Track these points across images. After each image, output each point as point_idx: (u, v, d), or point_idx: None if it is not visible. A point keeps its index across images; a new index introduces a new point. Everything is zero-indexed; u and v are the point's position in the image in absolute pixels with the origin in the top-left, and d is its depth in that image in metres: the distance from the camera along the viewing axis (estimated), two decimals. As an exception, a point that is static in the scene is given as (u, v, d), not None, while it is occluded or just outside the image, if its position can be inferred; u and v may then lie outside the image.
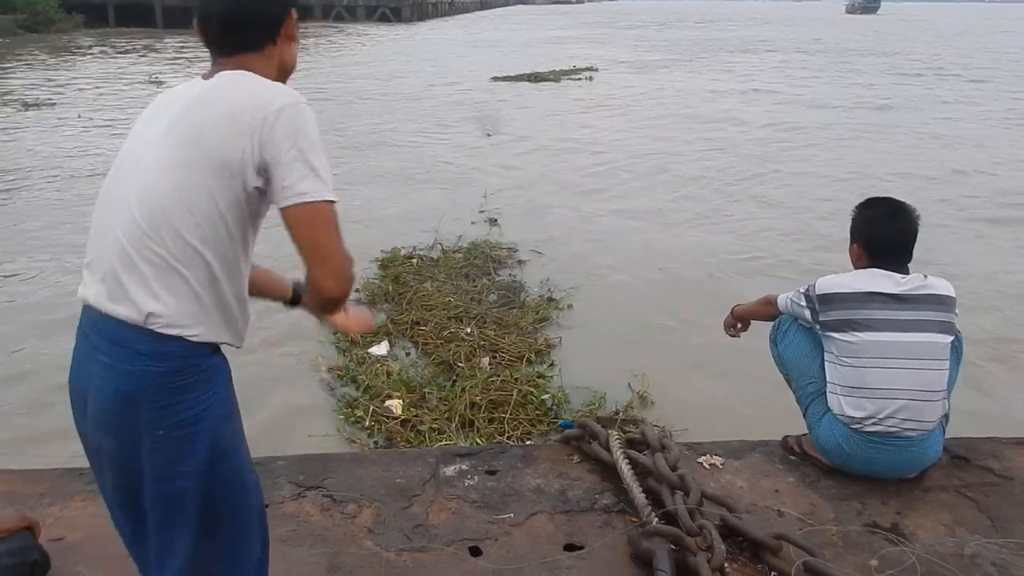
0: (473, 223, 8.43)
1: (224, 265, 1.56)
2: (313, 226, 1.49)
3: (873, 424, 2.65)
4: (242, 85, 1.56)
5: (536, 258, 7.29)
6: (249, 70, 1.60)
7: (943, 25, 78.76)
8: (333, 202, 1.51)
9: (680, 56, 32.73)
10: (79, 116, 15.23)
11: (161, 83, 22.10)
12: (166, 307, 1.52)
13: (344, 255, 1.54)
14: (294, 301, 2.09)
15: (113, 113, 15.76)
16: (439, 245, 7.43)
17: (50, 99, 17.28)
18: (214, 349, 1.63)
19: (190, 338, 1.55)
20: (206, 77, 1.63)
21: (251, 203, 1.55)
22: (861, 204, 2.87)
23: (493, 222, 8.48)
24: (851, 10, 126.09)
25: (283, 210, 1.50)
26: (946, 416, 2.77)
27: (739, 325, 3.27)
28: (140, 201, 1.53)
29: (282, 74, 1.71)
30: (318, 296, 1.58)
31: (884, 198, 2.85)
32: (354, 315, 2.23)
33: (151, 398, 1.54)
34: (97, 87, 19.94)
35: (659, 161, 12.21)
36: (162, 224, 1.51)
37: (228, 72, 1.60)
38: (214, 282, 1.56)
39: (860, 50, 37.78)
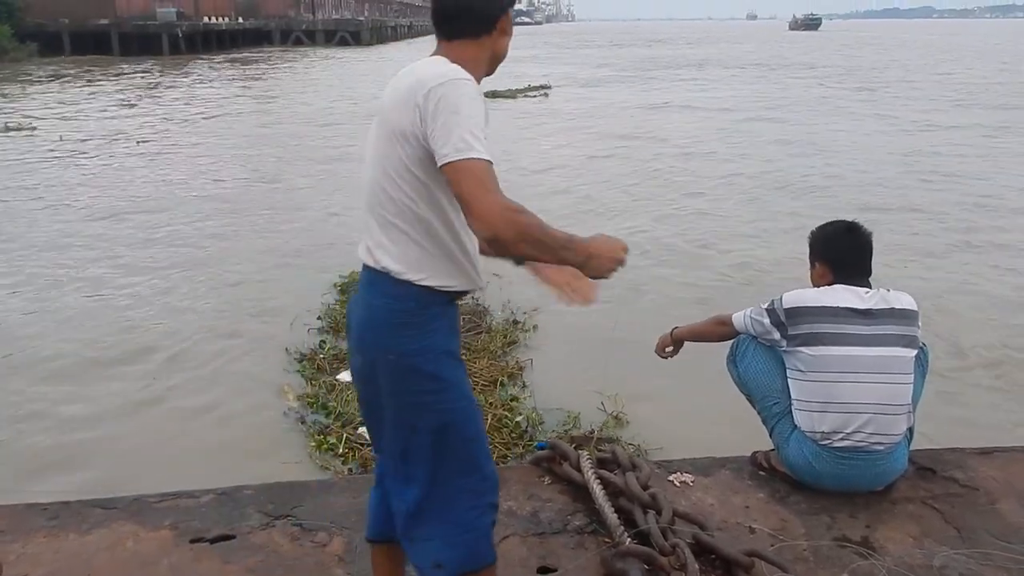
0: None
1: (438, 218, 1.82)
2: (459, 181, 1.67)
3: (841, 439, 2.68)
4: (422, 69, 1.81)
5: (495, 280, 7.30)
6: (463, 55, 1.84)
7: (881, 40, 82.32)
8: (479, 159, 1.67)
9: (628, 73, 35.96)
10: (60, 138, 16.20)
11: (133, 105, 22.38)
12: (395, 258, 1.84)
13: (491, 201, 1.65)
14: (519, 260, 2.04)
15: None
16: None
17: (30, 123, 18.48)
18: (444, 296, 1.89)
19: (417, 282, 1.84)
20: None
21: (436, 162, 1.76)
22: (819, 227, 2.97)
23: None
24: (794, 26, 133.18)
25: (441, 171, 1.70)
26: (911, 429, 2.81)
27: (672, 348, 3.23)
28: (369, 176, 1.89)
29: (494, 62, 1.95)
30: (481, 240, 1.83)
31: (838, 220, 2.97)
32: (572, 279, 2.08)
33: (385, 327, 1.87)
34: (73, 110, 20.71)
35: (610, 176, 12.75)
36: (379, 190, 1.85)
37: (426, 58, 1.87)
38: (433, 233, 1.83)
39: (790, 64, 41.58)
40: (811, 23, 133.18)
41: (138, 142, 15.71)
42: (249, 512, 2.76)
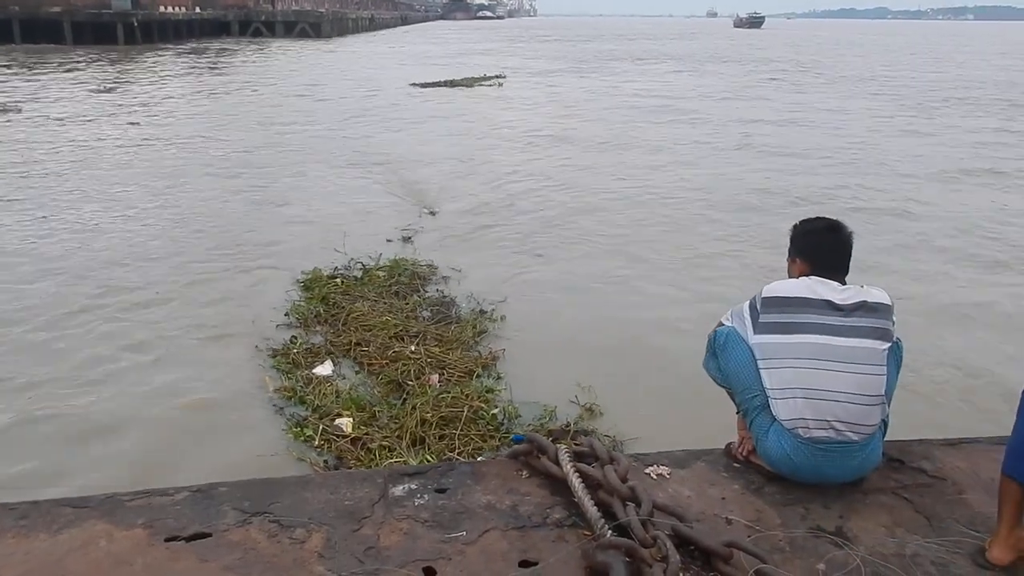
0: (389, 241, 8.46)
1: None
2: None
3: (817, 428, 2.72)
4: None
5: (455, 274, 7.33)
6: None
7: (816, 38, 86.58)
8: None
9: (580, 65, 40.16)
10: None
11: (112, 89, 22.17)
12: None
13: None
14: None
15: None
16: (360, 264, 7.38)
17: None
18: None
19: None
20: None
21: None
22: (800, 221, 3.02)
23: (407, 239, 8.52)
24: (738, 24, 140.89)
25: None
26: (885, 421, 2.86)
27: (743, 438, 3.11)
28: None
29: None
30: None
31: (819, 216, 3.02)
32: None
33: None
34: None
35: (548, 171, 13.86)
36: None
37: None
38: None
39: (728, 58, 46.76)
40: (755, 21, 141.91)
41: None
42: (225, 509, 2.72)
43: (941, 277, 7.89)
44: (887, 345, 2.78)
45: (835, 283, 2.82)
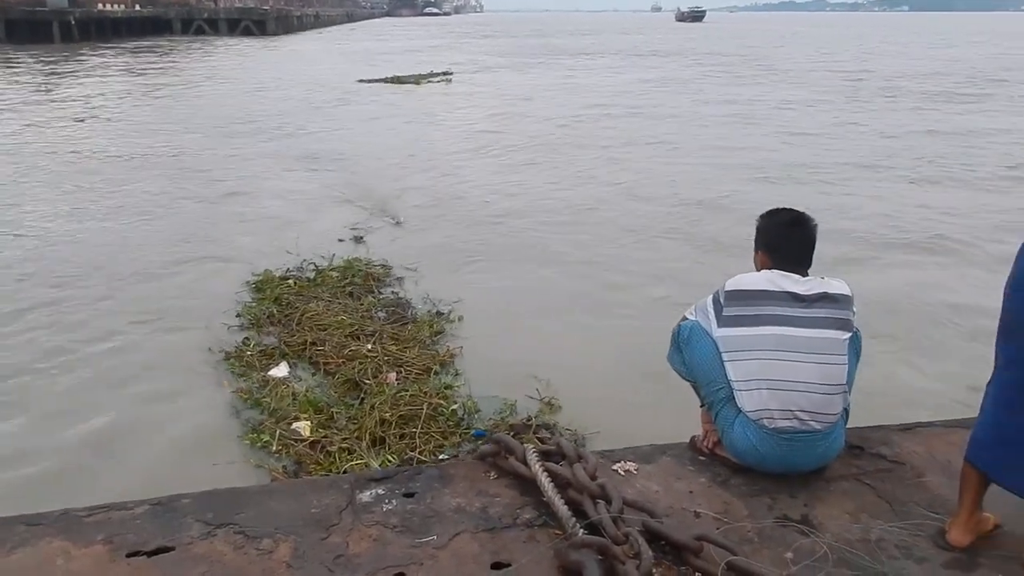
0: (340, 240, 8.39)
1: None
2: None
3: (782, 418, 2.76)
4: None
5: (410, 274, 7.30)
6: None
7: (752, 31, 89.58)
8: None
9: (526, 60, 40.81)
10: None
11: (51, 90, 21.60)
12: None
13: None
14: None
15: None
16: (312, 265, 7.29)
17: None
18: None
19: None
20: None
21: None
22: (764, 214, 3.04)
23: (359, 239, 8.45)
24: (680, 18, 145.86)
25: None
26: (846, 409, 2.91)
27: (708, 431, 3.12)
28: None
29: None
30: None
31: (786, 208, 3.04)
32: None
33: None
34: None
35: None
36: None
37: None
38: None
39: (665, 52, 48.41)
40: (696, 15, 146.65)
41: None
42: (188, 522, 2.65)
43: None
44: (848, 335, 2.82)
45: (797, 275, 2.85)
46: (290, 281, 6.80)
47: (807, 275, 2.88)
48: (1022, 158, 13.94)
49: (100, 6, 54.50)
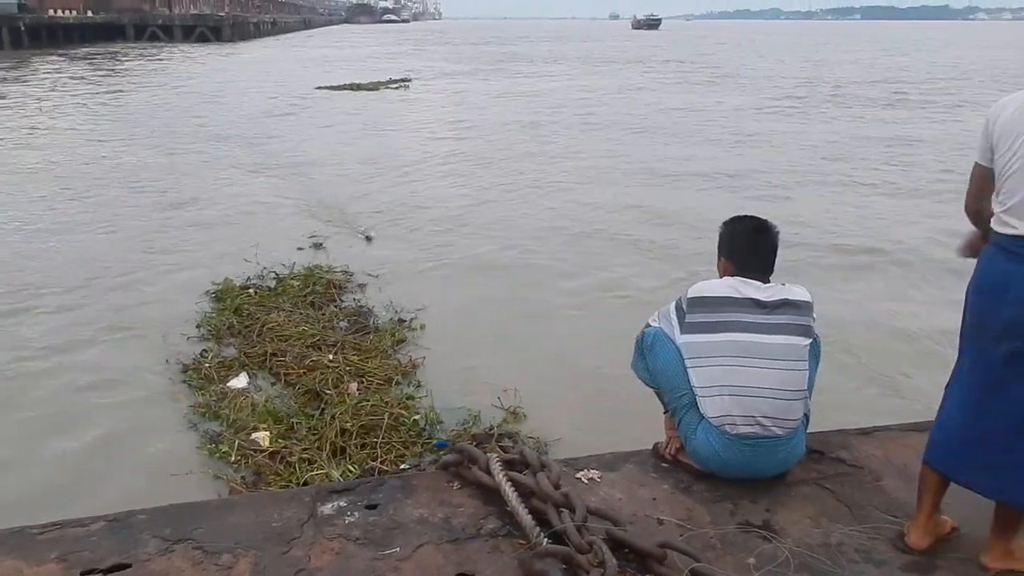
0: (300, 248, 8.32)
1: None
2: None
3: (744, 424, 2.78)
4: None
5: (373, 281, 7.25)
6: None
7: (706, 39, 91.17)
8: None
9: (484, 67, 40.77)
10: None
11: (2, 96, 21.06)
12: None
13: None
14: None
15: None
16: (273, 273, 7.20)
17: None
18: None
19: None
20: None
21: None
22: (727, 221, 3.06)
23: (318, 246, 8.39)
24: (636, 26, 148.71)
25: None
26: (807, 415, 2.94)
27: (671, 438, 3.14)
28: None
29: None
30: None
31: (749, 216, 3.06)
32: None
33: None
34: None
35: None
36: None
37: None
38: None
39: (622, 60, 48.97)
40: (652, 23, 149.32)
41: None
42: (145, 538, 2.59)
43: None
44: (808, 341, 2.86)
45: (759, 282, 2.88)
46: (251, 290, 6.71)
47: (768, 282, 2.92)
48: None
49: (51, 12, 53.42)
